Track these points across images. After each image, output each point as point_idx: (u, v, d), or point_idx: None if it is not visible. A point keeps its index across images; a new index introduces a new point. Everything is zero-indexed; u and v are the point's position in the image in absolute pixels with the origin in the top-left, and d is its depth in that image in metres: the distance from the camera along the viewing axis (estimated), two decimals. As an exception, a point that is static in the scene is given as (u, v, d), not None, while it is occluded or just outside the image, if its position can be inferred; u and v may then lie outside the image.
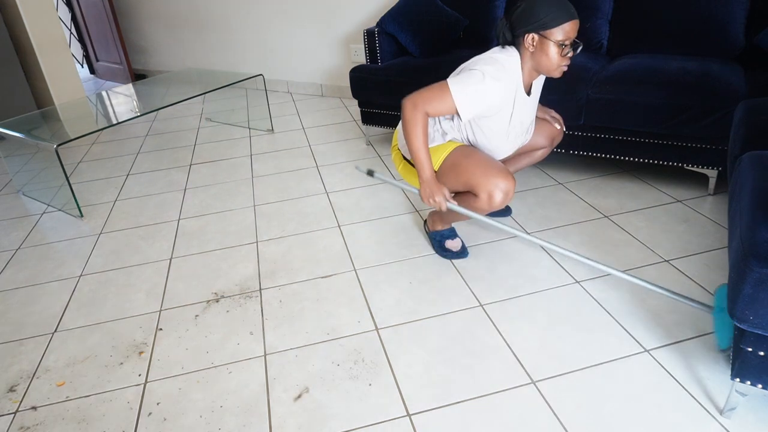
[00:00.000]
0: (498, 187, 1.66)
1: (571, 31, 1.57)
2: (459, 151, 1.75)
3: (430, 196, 1.69)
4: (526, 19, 1.57)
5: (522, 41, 1.61)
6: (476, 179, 1.68)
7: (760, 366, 1.15)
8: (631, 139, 2.27)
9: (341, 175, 2.73)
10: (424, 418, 1.33)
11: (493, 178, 1.66)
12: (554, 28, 1.55)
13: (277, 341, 1.63)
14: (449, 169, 1.75)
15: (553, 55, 1.59)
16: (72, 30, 5.41)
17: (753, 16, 2.34)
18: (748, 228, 1.10)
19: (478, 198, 1.71)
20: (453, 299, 1.75)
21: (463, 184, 1.73)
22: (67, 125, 2.86)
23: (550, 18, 1.54)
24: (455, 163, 1.74)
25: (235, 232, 2.27)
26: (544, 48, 1.59)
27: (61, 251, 2.24)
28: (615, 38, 2.65)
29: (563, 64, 1.62)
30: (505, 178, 1.66)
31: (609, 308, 1.66)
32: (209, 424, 1.37)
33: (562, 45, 1.57)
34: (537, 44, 1.59)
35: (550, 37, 1.56)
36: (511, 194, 1.68)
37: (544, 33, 1.57)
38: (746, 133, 1.57)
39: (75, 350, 1.67)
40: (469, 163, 1.71)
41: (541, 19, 1.55)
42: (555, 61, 1.60)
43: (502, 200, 1.68)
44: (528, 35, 1.59)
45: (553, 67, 1.62)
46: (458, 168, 1.73)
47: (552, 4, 1.54)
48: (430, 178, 1.69)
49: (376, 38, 2.87)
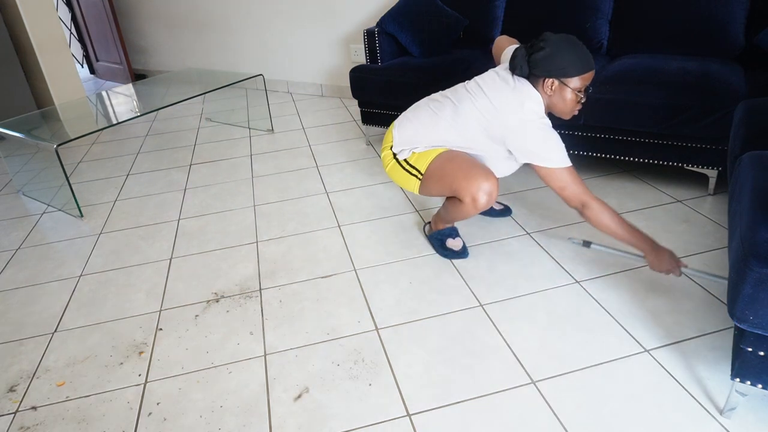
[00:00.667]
0: (481, 190, 1.67)
1: (588, 80, 1.64)
2: (444, 155, 1.77)
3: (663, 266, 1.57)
4: (550, 64, 1.61)
5: (541, 82, 1.66)
6: (459, 183, 1.70)
7: (760, 366, 1.15)
8: (631, 139, 2.27)
9: (341, 175, 2.73)
10: (424, 418, 1.33)
11: (475, 180, 1.67)
12: (575, 77, 1.62)
13: (277, 341, 1.63)
14: (434, 175, 1.76)
15: (570, 101, 1.66)
16: (72, 30, 5.41)
17: (753, 16, 2.34)
18: (748, 228, 1.10)
19: (463, 202, 1.72)
20: (453, 299, 1.75)
21: (449, 189, 1.74)
22: (67, 125, 2.86)
23: (573, 68, 1.60)
24: (439, 167, 1.75)
25: (235, 232, 2.27)
26: (563, 94, 1.65)
27: (61, 251, 2.24)
28: (615, 38, 2.65)
29: (576, 109, 1.69)
30: (487, 179, 1.67)
31: (609, 308, 1.66)
32: (209, 424, 1.37)
33: (579, 93, 1.64)
34: (556, 89, 1.65)
35: (569, 84, 1.63)
36: (495, 195, 1.70)
37: (564, 80, 1.62)
38: (746, 133, 1.57)
39: (75, 350, 1.67)
40: (452, 167, 1.73)
41: (565, 68, 1.60)
42: (570, 106, 1.68)
43: (486, 202, 1.70)
44: (548, 80, 1.63)
45: (566, 111, 1.70)
46: (442, 173, 1.74)
47: (576, 54, 1.61)
48: (653, 248, 1.58)
49: (376, 38, 2.87)
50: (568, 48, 1.60)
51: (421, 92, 2.22)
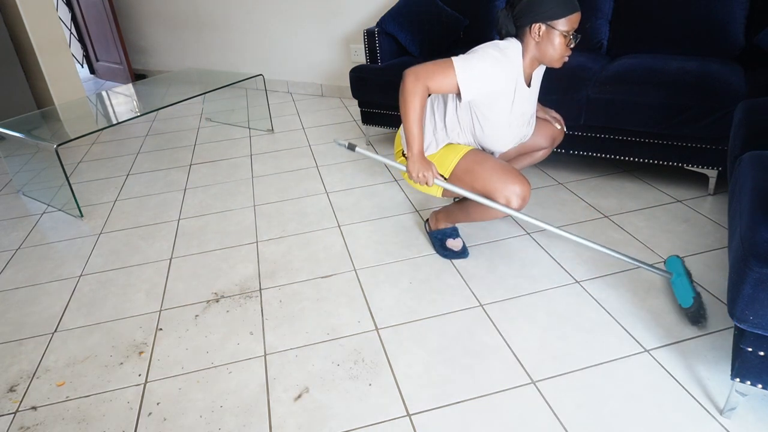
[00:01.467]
0: (515, 193, 1.67)
1: (575, 22, 1.62)
2: (471, 156, 1.75)
3: (419, 171, 1.67)
4: (535, 9, 1.60)
5: (527, 31, 1.64)
6: (492, 185, 1.69)
7: (760, 366, 1.15)
8: (631, 139, 2.27)
9: (341, 175, 2.73)
10: (424, 418, 1.33)
11: (510, 184, 1.67)
12: (561, 19, 1.60)
13: (277, 341, 1.63)
14: (463, 175, 1.75)
15: (559, 44, 1.63)
16: (72, 30, 5.41)
17: (753, 16, 2.34)
18: (748, 228, 1.10)
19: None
20: (453, 299, 1.75)
21: (479, 190, 1.73)
22: (67, 125, 2.86)
23: (558, 9, 1.59)
24: (469, 169, 1.74)
25: (235, 232, 2.27)
26: (551, 38, 1.62)
27: (61, 251, 2.24)
28: (615, 38, 2.65)
29: (566, 54, 1.67)
30: (521, 183, 1.67)
31: (609, 308, 1.66)
32: (209, 424, 1.37)
33: (567, 35, 1.62)
34: (543, 34, 1.62)
35: (557, 27, 1.61)
36: (527, 199, 1.69)
37: (551, 23, 1.60)
38: (746, 133, 1.57)
39: (75, 350, 1.67)
40: (483, 169, 1.72)
41: (549, 10, 1.59)
42: (560, 50, 1.65)
43: (519, 205, 1.69)
44: (534, 25, 1.62)
45: (557, 57, 1.66)
46: (473, 174, 1.73)
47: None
48: (419, 154, 1.66)
49: (376, 38, 2.87)
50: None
51: (421, 92, 2.23)
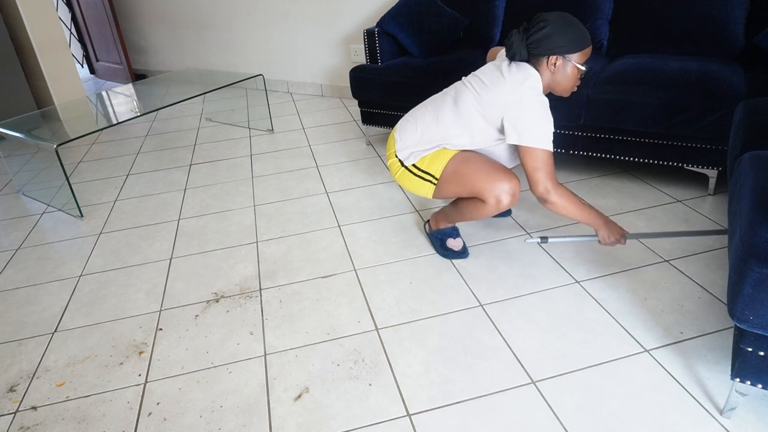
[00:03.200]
0: (504, 191, 1.68)
1: (588, 54, 1.67)
2: (458, 157, 1.76)
3: (611, 234, 1.70)
4: (553, 42, 1.61)
5: (543, 61, 1.66)
6: (481, 185, 1.70)
7: (760, 366, 1.15)
8: (631, 139, 2.27)
9: (341, 175, 2.73)
10: (424, 418, 1.33)
11: (499, 182, 1.68)
12: (577, 53, 1.64)
13: (277, 341, 1.63)
14: (451, 177, 1.75)
15: (573, 76, 1.68)
16: (72, 30, 5.41)
17: (752, 16, 2.34)
18: (748, 228, 1.10)
19: (486, 203, 1.72)
20: (453, 299, 1.75)
21: (468, 191, 1.74)
22: (67, 125, 2.86)
23: (575, 44, 1.62)
24: (456, 170, 1.75)
25: (235, 232, 2.27)
26: (566, 70, 1.66)
27: (61, 251, 2.24)
28: (615, 38, 2.65)
29: (576, 85, 1.72)
30: (510, 180, 1.69)
31: (609, 308, 1.66)
32: (209, 424, 1.37)
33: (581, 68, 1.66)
34: (559, 66, 1.65)
35: (573, 60, 1.64)
36: (517, 195, 1.71)
37: (567, 56, 1.64)
38: (746, 133, 1.57)
39: (75, 350, 1.67)
40: (471, 169, 1.73)
41: (567, 44, 1.62)
42: (573, 82, 1.70)
43: (509, 202, 1.70)
44: (552, 57, 1.64)
45: (569, 87, 1.71)
46: (460, 175, 1.74)
47: (576, 30, 1.62)
48: (603, 219, 1.70)
49: (376, 38, 2.87)
50: (568, 25, 1.62)
51: (421, 92, 2.23)
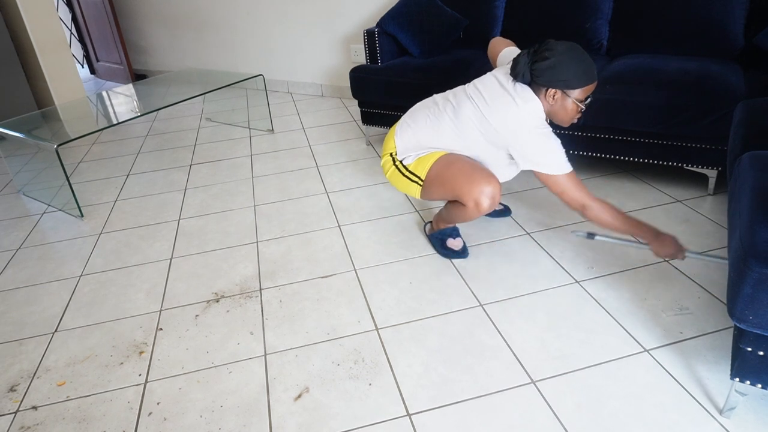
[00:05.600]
0: (483, 194, 1.67)
1: (591, 90, 1.64)
2: (442, 160, 1.76)
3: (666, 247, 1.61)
4: (554, 75, 1.59)
5: (543, 92, 1.64)
6: (461, 188, 1.70)
7: (760, 366, 1.15)
8: (631, 139, 2.27)
9: (341, 175, 2.73)
10: (424, 418, 1.33)
11: (477, 185, 1.67)
12: (578, 89, 1.61)
13: (277, 341, 1.63)
14: (435, 180, 1.76)
15: (571, 110, 1.66)
16: (72, 30, 5.41)
17: (752, 16, 2.35)
18: (748, 228, 1.10)
19: (466, 207, 1.72)
20: (453, 299, 1.76)
21: (451, 193, 1.74)
22: (67, 125, 2.86)
23: (577, 80, 1.59)
24: (440, 172, 1.75)
25: (235, 232, 2.27)
26: (564, 104, 1.64)
27: (62, 251, 2.24)
28: (615, 38, 2.65)
29: (576, 118, 1.69)
30: (489, 182, 1.67)
31: (609, 308, 1.66)
32: (209, 423, 1.37)
33: (581, 104, 1.64)
34: (558, 99, 1.64)
35: (572, 95, 1.62)
36: (497, 198, 1.69)
37: (567, 91, 1.62)
38: (746, 133, 1.57)
39: (75, 350, 1.67)
40: (452, 172, 1.72)
41: (568, 79, 1.59)
42: (571, 115, 1.68)
43: (489, 205, 1.69)
44: (551, 90, 1.62)
45: (566, 120, 1.69)
46: (442, 178, 1.74)
47: (581, 66, 1.59)
48: (654, 233, 1.62)
49: (376, 38, 2.87)
50: (573, 60, 1.58)
51: (421, 92, 2.22)
